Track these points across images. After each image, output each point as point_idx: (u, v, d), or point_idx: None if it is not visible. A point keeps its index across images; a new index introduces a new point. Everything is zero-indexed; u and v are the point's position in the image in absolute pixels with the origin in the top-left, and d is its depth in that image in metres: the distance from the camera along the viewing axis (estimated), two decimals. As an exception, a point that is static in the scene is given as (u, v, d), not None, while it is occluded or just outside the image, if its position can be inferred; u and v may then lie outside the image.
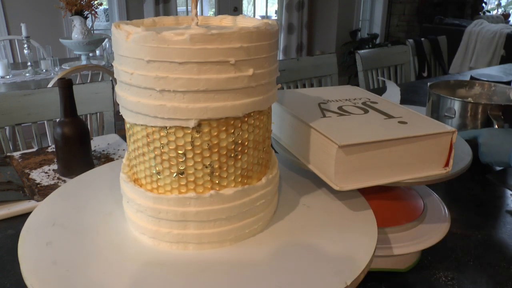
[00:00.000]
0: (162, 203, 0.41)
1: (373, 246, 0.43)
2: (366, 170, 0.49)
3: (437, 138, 0.51)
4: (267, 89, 0.43)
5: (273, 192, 0.47)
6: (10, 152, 1.14)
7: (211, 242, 0.43)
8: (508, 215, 0.72)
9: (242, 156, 0.43)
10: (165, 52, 0.37)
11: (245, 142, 0.42)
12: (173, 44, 0.36)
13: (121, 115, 0.43)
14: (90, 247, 0.43)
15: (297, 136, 0.55)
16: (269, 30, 0.41)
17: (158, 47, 0.37)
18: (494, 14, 5.46)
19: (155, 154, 0.41)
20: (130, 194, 0.44)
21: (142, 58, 0.37)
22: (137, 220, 0.44)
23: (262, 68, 0.41)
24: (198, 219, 0.42)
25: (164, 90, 0.38)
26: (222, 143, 0.41)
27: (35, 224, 0.47)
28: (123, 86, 0.41)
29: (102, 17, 4.50)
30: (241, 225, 0.44)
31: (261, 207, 0.45)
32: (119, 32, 0.39)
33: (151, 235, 0.43)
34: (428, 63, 2.52)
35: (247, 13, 5.21)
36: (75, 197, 0.53)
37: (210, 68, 0.38)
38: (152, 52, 0.37)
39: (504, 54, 3.47)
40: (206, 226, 0.42)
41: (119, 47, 0.39)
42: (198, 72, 0.37)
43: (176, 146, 0.40)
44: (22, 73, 2.19)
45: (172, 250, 0.43)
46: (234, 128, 0.41)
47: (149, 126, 0.40)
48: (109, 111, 1.30)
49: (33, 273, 0.39)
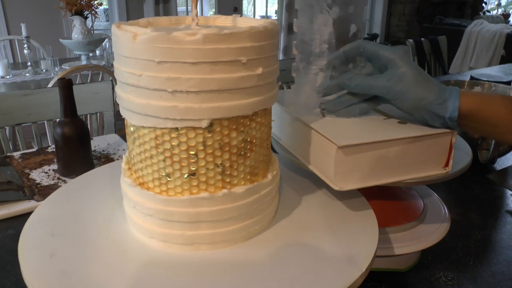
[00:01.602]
0: (174, 205, 0.41)
1: (375, 247, 0.43)
2: (365, 170, 0.49)
3: (437, 138, 0.51)
4: (273, 87, 0.44)
5: (277, 188, 0.49)
6: (10, 152, 1.14)
7: (224, 241, 0.43)
8: (508, 215, 0.72)
9: (250, 154, 0.43)
10: (177, 53, 0.36)
11: (253, 140, 0.43)
12: (185, 44, 0.36)
13: (121, 115, 0.42)
14: (93, 252, 0.42)
15: (296, 136, 0.55)
16: (274, 29, 0.41)
17: (170, 47, 0.36)
18: (494, 14, 5.46)
19: (164, 156, 0.40)
20: (137, 198, 0.43)
21: (152, 59, 0.37)
22: (145, 224, 0.43)
23: (269, 66, 0.42)
24: (211, 219, 0.42)
25: (176, 91, 0.37)
26: (233, 142, 0.41)
27: (35, 224, 0.47)
28: (129, 88, 0.40)
29: (102, 17, 4.51)
30: (251, 222, 0.44)
31: (267, 203, 0.46)
32: (123, 33, 0.38)
33: (162, 238, 0.42)
34: (428, 63, 2.52)
35: (247, 13, 5.21)
36: (76, 198, 0.52)
37: (222, 68, 0.38)
38: (163, 52, 0.36)
39: (504, 54, 3.47)
40: (218, 226, 0.42)
41: (124, 49, 0.39)
42: (211, 71, 0.37)
43: (188, 147, 0.39)
44: (22, 73, 2.19)
45: (184, 252, 0.42)
46: (244, 126, 0.41)
47: (158, 128, 0.39)
48: (109, 111, 1.30)
49: (34, 276, 0.39)
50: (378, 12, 4.93)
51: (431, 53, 2.54)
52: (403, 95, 0.49)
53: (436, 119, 0.50)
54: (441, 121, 0.49)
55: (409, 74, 0.49)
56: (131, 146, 0.43)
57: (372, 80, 0.51)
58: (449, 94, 0.49)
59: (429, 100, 0.49)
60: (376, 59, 0.52)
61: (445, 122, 0.49)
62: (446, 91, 0.49)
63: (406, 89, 0.49)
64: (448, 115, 0.48)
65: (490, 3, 6.01)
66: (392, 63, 0.50)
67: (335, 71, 0.54)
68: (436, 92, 0.49)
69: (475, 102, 0.49)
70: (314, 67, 0.53)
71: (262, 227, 0.46)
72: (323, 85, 0.54)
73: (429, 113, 0.49)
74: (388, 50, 0.51)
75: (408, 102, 0.49)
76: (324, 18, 0.51)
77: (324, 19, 0.51)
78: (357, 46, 0.53)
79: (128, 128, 0.43)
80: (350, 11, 0.52)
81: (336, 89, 0.54)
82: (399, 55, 0.50)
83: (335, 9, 0.51)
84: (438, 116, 0.49)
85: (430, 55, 2.54)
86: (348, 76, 0.52)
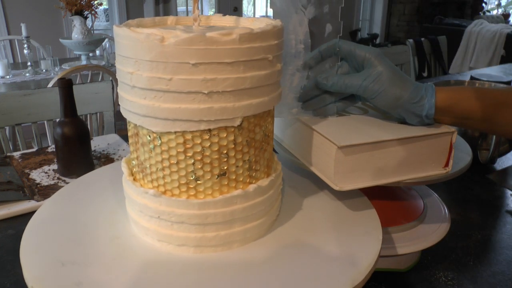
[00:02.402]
0: (208, 207, 0.41)
1: (378, 247, 0.43)
2: (366, 170, 0.49)
3: (437, 138, 0.51)
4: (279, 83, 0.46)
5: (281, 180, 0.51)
6: (10, 152, 1.14)
7: (254, 235, 0.44)
8: (508, 215, 0.72)
9: (267, 147, 0.45)
10: (214, 53, 0.36)
11: (269, 134, 0.45)
12: (222, 44, 0.36)
13: (121, 115, 0.42)
14: (99, 258, 0.42)
15: (297, 136, 0.55)
16: (283, 27, 0.43)
17: (207, 48, 0.36)
18: (494, 14, 5.46)
19: (194, 159, 0.39)
20: (163, 207, 0.41)
21: (186, 62, 0.36)
22: (175, 233, 0.42)
23: (282, 62, 0.44)
24: (244, 215, 0.42)
25: (212, 91, 0.37)
26: (257, 137, 0.42)
27: (37, 225, 0.46)
28: (152, 93, 0.38)
29: (102, 17, 4.51)
30: (273, 211, 0.46)
31: (280, 193, 0.49)
32: (146, 37, 0.36)
33: (195, 243, 0.42)
34: (428, 63, 2.52)
35: (247, 13, 5.21)
36: (77, 198, 0.52)
37: (254, 66, 0.39)
38: (199, 54, 0.36)
39: (504, 54, 3.47)
40: (250, 220, 0.43)
41: (147, 53, 0.36)
42: (244, 70, 0.38)
43: (219, 147, 0.40)
44: (22, 73, 2.19)
45: (217, 254, 0.42)
46: (265, 121, 0.43)
47: (188, 131, 0.38)
48: (109, 111, 1.30)
49: (36, 275, 0.38)
50: (378, 12, 4.93)
51: (431, 53, 2.54)
52: (380, 94, 0.50)
53: (413, 117, 0.50)
54: (418, 119, 0.50)
55: (385, 74, 0.49)
56: (147, 155, 0.41)
57: (348, 79, 0.51)
58: (425, 91, 0.49)
59: (405, 99, 0.49)
60: (352, 58, 0.52)
61: (422, 120, 0.50)
62: (421, 89, 0.50)
63: (382, 88, 0.49)
64: (425, 113, 0.49)
65: (490, 3, 6.01)
66: (368, 62, 0.50)
67: (311, 71, 0.54)
68: (412, 91, 0.49)
69: (449, 97, 0.49)
70: (290, 68, 0.53)
71: (272, 222, 0.47)
72: (299, 85, 0.54)
73: (406, 111, 0.50)
74: (364, 49, 0.51)
75: (384, 101, 0.50)
76: (299, 18, 0.51)
77: (299, 19, 0.51)
78: (333, 45, 0.53)
79: (142, 137, 0.41)
80: (325, 10, 0.52)
81: (313, 89, 0.54)
82: (375, 54, 0.50)
83: (310, 8, 0.51)
84: (415, 114, 0.50)
85: (430, 55, 2.54)
86: (325, 75, 0.52)
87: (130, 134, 0.43)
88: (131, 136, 0.43)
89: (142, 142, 0.41)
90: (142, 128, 0.40)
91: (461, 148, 0.60)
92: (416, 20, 4.73)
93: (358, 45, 0.52)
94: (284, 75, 0.53)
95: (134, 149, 0.43)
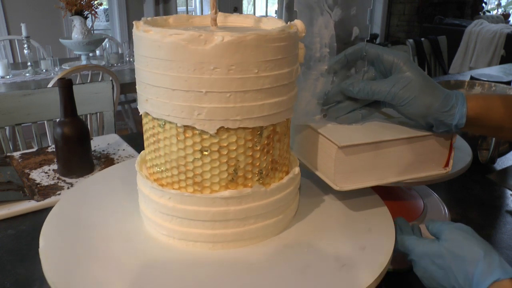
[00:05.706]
0: (274, 194, 0.44)
1: (391, 246, 0.43)
2: (366, 170, 0.49)
3: (437, 138, 0.51)
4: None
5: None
6: (10, 152, 1.14)
7: (269, 233, 0.45)
8: (508, 215, 0.72)
9: (286, 146, 0.47)
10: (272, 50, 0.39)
11: (287, 133, 0.47)
12: (274, 42, 0.39)
13: (121, 115, 0.42)
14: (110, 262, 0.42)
15: (297, 136, 0.55)
16: None
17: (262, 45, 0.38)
18: (494, 14, 5.46)
19: (228, 157, 0.41)
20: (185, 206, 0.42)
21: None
22: (191, 230, 0.43)
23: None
24: (262, 212, 0.44)
25: (247, 90, 0.39)
26: (275, 130, 0.44)
27: (55, 223, 0.48)
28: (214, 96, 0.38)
29: (102, 17, 4.51)
30: (290, 210, 0.48)
31: (297, 192, 0.50)
32: (196, 38, 0.36)
33: (213, 239, 0.43)
34: (428, 63, 2.52)
35: (247, 13, 5.21)
36: (91, 196, 0.54)
37: (289, 62, 0.41)
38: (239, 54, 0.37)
39: (504, 54, 3.46)
40: (268, 217, 0.45)
41: (193, 56, 0.37)
42: (287, 65, 0.41)
43: (253, 144, 0.42)
44: (22, 73, 2.18)
45: (234, 250, 0.44)
46: (287, 119, 0.46)
47: (248, 128, 0.40)
48: (109, 111, 1.30)
49: (56, 273, 0.39)
50: (378, 12, 4.93)
51: (431, 53, 2.54)
52: (410, 101, 0.47)
53: (442, 126, 0.48)
54: (447, 128, 0.48)
55: (415, 80, 0.47)
56: (190, 158, 0.41)
57: (375, 85, 0.49)
58: (455, 100, 0.47)
59: (435, 107, 0.47)
60: (380, 63, 0.50)
61: (450, 129, 0.48)
62: (452, 97, 0.48)
63: (412, 95, 0.47)
64: (455, 123, 0.47)
65: (490, 3, 6.01)
66: (396, 67, 0.48)
67: (336, 76, 0.53)
68: (442, 99, 0.47)
69: (480, 106, 0.47)
70: (314, 72, 0.52)
71: (290, 220, 0.49)
72: (323, 90, 0.52)
73: (435, 120, 0.48)
74: (391, 54, 0.49)
75: (414, 109, 0.48)
76: (325, 20, 0.49)
77: (325, 21, 0.49)
78: (359, 49, 0.51)
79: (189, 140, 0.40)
80: (353, 12, 0.51)
81: (337, 95, 0.52)
82: (404, 60, 0.48)
83: (336, 10, 0.49)
84: (444, 123, 0.48)
85: (430, 55, 2.54)
86: (350, 81, 0.51)
87: (152, 133, 0.43)
88: (153, 135, 0.43)
89: (190, 145, 0.41)
90: (171, 127, 0.41)
91: (461, 148, 0.60)
92: (416, 20, 4.73)
93: (385, 49, 0.50)
94: (307, 80, 0.52)
95: (156, 148, 0.43)
